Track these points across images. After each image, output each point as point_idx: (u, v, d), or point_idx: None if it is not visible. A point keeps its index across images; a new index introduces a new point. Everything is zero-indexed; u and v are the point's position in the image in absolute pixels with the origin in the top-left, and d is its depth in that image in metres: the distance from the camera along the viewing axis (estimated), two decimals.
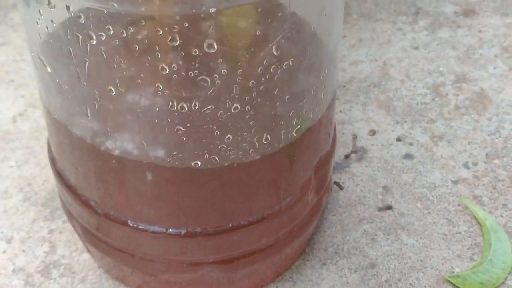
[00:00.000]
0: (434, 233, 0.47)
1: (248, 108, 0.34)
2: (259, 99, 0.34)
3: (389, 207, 0.49)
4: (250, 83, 0.33)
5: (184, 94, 0.32)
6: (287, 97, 0.35)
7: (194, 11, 0.29)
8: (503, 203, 0.49)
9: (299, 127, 0.37)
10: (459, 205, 0.49)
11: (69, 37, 0.32)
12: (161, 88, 0.32)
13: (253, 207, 0.39)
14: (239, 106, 0.33)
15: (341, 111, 0.56)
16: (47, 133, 0.42)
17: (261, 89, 0.33)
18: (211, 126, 0.34)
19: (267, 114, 0.35)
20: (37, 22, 0.33)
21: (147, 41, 0.31)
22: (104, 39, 0.31)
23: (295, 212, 0.41)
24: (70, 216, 0.43)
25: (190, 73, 0.31)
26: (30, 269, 0.45)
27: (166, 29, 0.30)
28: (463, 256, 0.46)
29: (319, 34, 0.35)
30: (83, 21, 0.31)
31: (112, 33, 0.31)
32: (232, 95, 0.33)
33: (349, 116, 0.55)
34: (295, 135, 0.37)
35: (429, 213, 0.49)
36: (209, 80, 0.32)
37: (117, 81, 0.32)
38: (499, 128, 0.54)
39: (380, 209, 0.49)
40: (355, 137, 0.54)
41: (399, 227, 0.48)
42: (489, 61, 0.60)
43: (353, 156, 0.53)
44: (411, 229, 0.48)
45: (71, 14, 0.31)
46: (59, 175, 0.41)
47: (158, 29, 0.30)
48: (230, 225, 0.39)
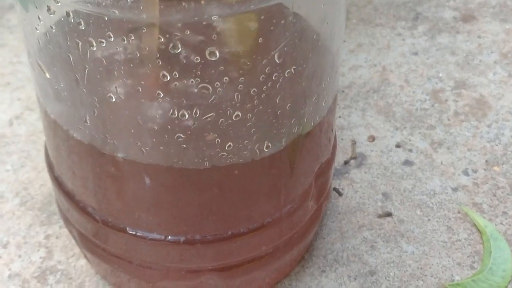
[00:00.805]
0: (434, 240, 0.47)
1: (249, 116, 0.33)
2: (260, 107, 0.33)
3: (389, 214, 0.49)
4: (252, 91, 0.32)
5: (185, 101, 0.32)
6: (289, 104, 0.34)
7: (196, 18, 0.29)
8: (503, 210, 0.49)
9: (300, 134, 0.37)
10: (459, 212, 0.49)
11: (68, 43, 0.31)
12: (162, 95, 0.32)
13: (252, 215, 0.38)
14: (240, 114, 0.33)
15: (340, 117, 0.55)
16: (44, 137, 0.41)
17: (262, 97, 0.33)
18: (212, 133, 0.33)
19: (268, 122, 0.34)
20: (36, 28, 0.32)
21: (148, 48, 0.30)
22: (104, 45, 0.30)
23: (295, 219, 0.41)
24: (67, 221, 0.43)
25: (191, 80, 0.31)
26: (26, 275, 0.44)
27: (167, 36, 0.30)
28: (463, 264, 0.46)
29: (322, 41, 0.34)
30: (83, 28, 0.30)
31: (112, 40, 0.30)
32: (233, 102, 0.32)
33: (348, 121, 0.55)
34: (296, 142, 0.37)
35: (429, 220, 0.48)
36: (211, 87, 0.31)
37: (117, 88, 0.32)
38: (498, 135, 0.54)
39: (379, 216, 0.49)
40: (354, 143, 0.53)
41: (398, 234, 0.48)
42: (488, 67, 0.60)
43: (352, 162, 0.52)
44: (410, 237, 0.47)
45: (71, 20, 0.30)
46: (57, 181, 0.41)
47: (159, 36, 0.30)
48: (229, 232, 0.38)
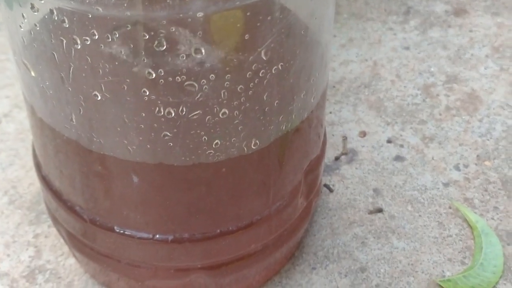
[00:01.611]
0: (425, 236, 0.47)
1: (236, 113, 0.33)
2: (247, 104, 0.33)
3: (380, 210, 0.49)
4: (238, 88, 0.32)
5: (171, 99, 0.31)
6: (277, 101, 0.34)
7: (181, 15, 0.29)
8: (494, 205, 0.49)
9: (288, 130, 0.36)
10: (450, 207, 0.49)
11: (53, 41, 0.31)
12: (148, 93, 0.31)
13: (241, 213, 0.38)
14: (227, 111, 0.33)
15: (331, 112, 0.55)
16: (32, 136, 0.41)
17: (250, 94, 0.33)
18: (198, 131, 0.33)
19: (256, 119, 0.34)
20: (20, 26, 0.32)
21: (133, 46, 0.30)
22: (88, 43, 0.30)
23: (285, 217, 0.40)
24: (55, 221, 0.42)
25: (177, 78, 0.31)
26: (14, 274, 0.44)
27: (152, 33, 0.29)
28: (454, 259, 0.45)
29: (310, 36, 0.34)
30: (67, 25, 0.30)
31: (97, 37, 0.30)
32: (220, 100, 0.32)
33: (339, 117, 0.55)
34: (284, 138, 0.36)
35: (420, 216, 0.48)
36: (197, 85, 0.31)
37: (102, 86, 0.31)
38: (490, 129, 0.54)
39: (370, 212, 0.48)
40: (345, 138, 0.53)
41: (389, 230, 0.47)
42: (480, 61, 0.60)
43: (343, 158, 0.52)
44: (401, 233, 0.47)
45: (55, 18, 0.30)
46: (44, 180, 0.40)
47: (144, 33, 0.29)
48: (218, 230, 0.38)
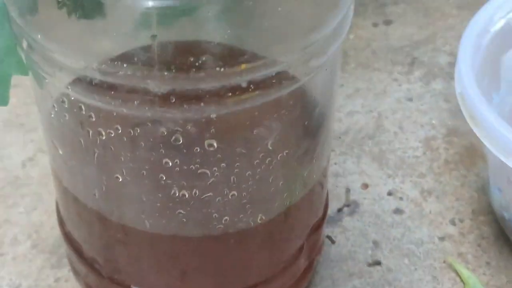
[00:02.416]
0: None
1: (244, 194, 0.36)
2: (254, 187, 0.36)
3: (378, 263, 0.52)
4: (246, 174, 0.35)
5: (185, 183, 0.35)
6: (281, 182, 0.37)
7: (196, 117, 0.32)
8: (486, 260, 0.52)
9: (292, 204, 0.40)
10: (445, 262, 0.52)
11: (81, 131, 0.34)
12: (164, 178, 0.35)
13: (247, 276, 0.41)
14: (236, 193, 0.36)
15: (336, 163, 0.58)
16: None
17: (256, 178, 0.36)
18: (209, 210, 0.36)
19: (261, 198, 0.37)
20: (51, 112, 0.35)
21: (152, 140, 0.33)
22: (112, 135, 0.33)
23: (287, 276, 0.44)
24: (75, 271, 0.46)
25: (191, 166, 0.34)
26: None
27: (170, 130, 0.33)
28: None
29: (314, 124, 0.37)
30: (94, 119, 0.33)
31: (120, 131, 0.33)
32: (229, 184, 0.35)
33: (343, 168, 0.58)
34: (288, 211, 0.40)
35: (416, 269, 0.51)
36: (209, 172, 0.35)
37: (124, 170, 0.35)
38: (485, 184, 0.57)
39: (369, 265, 0.52)
40: (348, 190, 0.56)
41: (386, 283, 0.50)
42: None
43: (345, 209, 0.55)
44: (398, 286, 0.50)
45: (83, 112, 0.33)
46: (67, 236, 0.44)
47: (162, 130, 0.33)
48: None
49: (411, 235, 0.54)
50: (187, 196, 0.35)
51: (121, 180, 0.35)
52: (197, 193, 0.35)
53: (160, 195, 0.35)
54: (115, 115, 0.33)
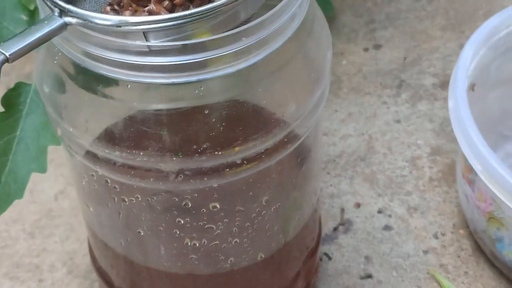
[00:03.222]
0: None
1: (245, 240, 0.44)
2: (253, 234, 0.44)
3: (370, 276, 0.59)
4: (246, 225, 0.43)
5: (195, 235, 0.42)
6: (276, 227, 0.45)
7: (201, 187, 0.39)
8: (465, 270, 0.59)
9: (287, 242, 0.47)
10: (428, 273, 0.59)
11: (107, 197, 0.42)
12: (178, 232, 0.42)
13: None
14: (238, 240, 0.43)
15: (331, 185, 0.65)
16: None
17: (255, 227, 0.43)
18: (217, 254, 0.44)
19: (260, 242, 0.45)
20: (83, 181, 0.43)
21: (166, 205, 0.41)
22: (134, 201, 0.41)
23: None
24: None
25: (199, 223, 0.42)
26: None
27: (180, 198, 0.40)
28: None
29: (300, 181, 0.45)
30: (118, 190, 0.41)
31: (140, 199, 0.41)
32: (232, 233, 0.43)
33: (338, 189, 0.65)
34: (284, 248, 0.47)
35: (403, 281, 0.59)
36: (214, 226, 0.42)
37: (144, 227, 0.42)
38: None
39: (361, 278, 0.59)
40: (342, 210, 0.64)
41: None
42: None
43: (340, 228, 0.62)
44: None
45: (109, 184, 0.41)
46: (98, 271, 0.52)
47: (174, 198, 0.40)
48: None
49: (398, 249, 0.61)
50: (198, 245, 0.43)
51: (142, 234, 0.43)
52: (206, 242, 0.43)
53: (175, 245, 0.43)
54: (135, 187, 0.40)
